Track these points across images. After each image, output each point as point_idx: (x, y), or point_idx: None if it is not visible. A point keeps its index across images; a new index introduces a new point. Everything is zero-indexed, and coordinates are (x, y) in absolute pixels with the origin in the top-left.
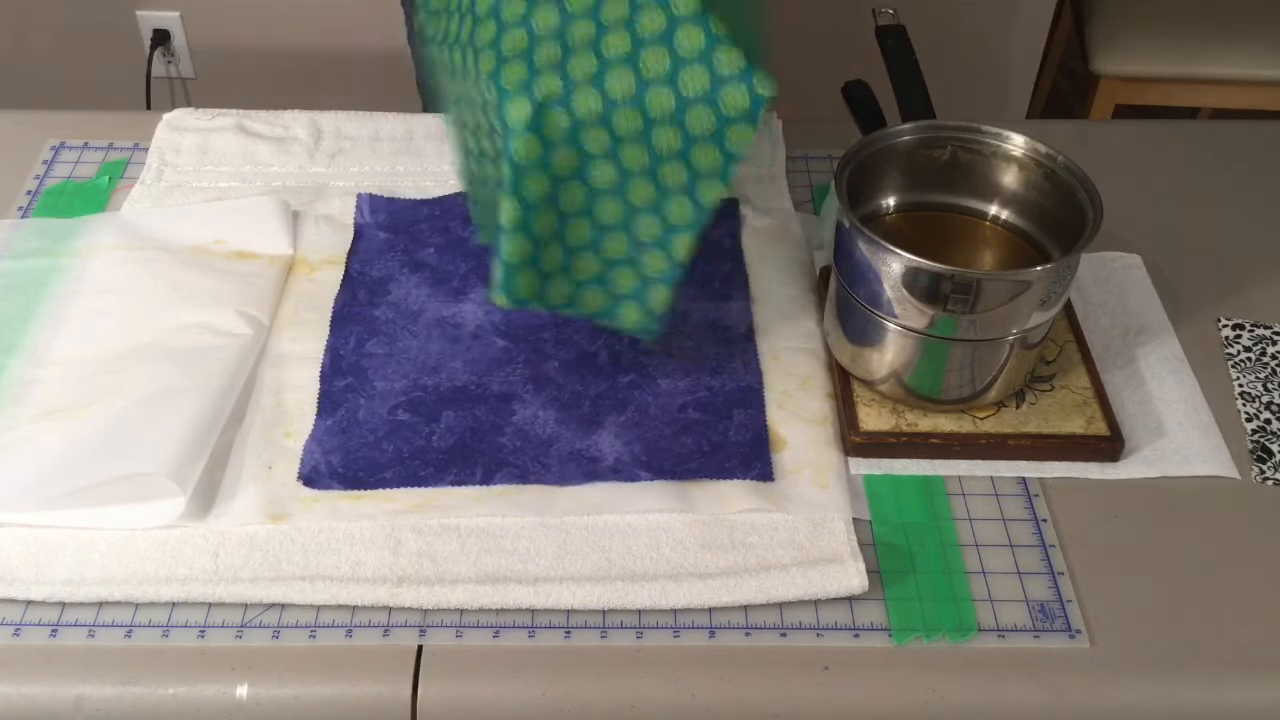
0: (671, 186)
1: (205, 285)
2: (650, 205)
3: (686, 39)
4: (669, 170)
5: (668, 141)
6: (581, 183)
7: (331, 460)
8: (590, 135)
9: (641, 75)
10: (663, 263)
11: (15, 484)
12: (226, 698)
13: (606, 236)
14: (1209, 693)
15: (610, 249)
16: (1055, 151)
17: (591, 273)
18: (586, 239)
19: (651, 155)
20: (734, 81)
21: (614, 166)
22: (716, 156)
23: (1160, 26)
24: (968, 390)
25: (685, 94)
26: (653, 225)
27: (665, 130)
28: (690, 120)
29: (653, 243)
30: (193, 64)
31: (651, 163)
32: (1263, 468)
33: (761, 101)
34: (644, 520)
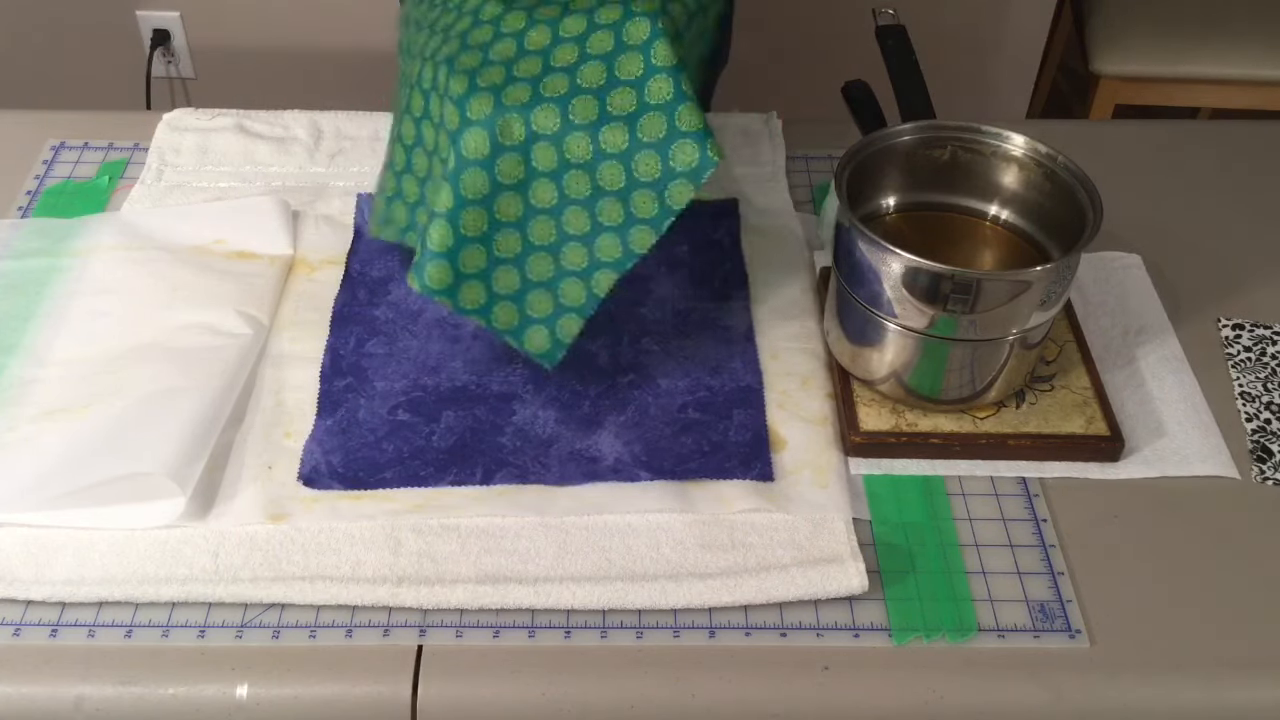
0: (606, 223)
1: (205, 285)
2: (582, 236)
3: (657, 88)
4: (607, 206)
5: (612, 178)
6: (520, 196)
7: (331, 460)
8: (540, 151)
9: (605, 109)
10: (581, 295)
11: (15, 484)
12: (226, 698)
13: (532, 256)
14: (1209, 693)
15: (534, 269)
16: (1055, 151)
17: (510, 288)
18: (513, 253)
19: (594, 187)
20: (689, 139)
21: (555, 189)
22: (654, 206)
23: (1160, 26)
24: (968, 390)
25: (640, 137)
26: (580, 256)
27: (612, 166)
28: (638, 163)
29: (576, 273)
30: (193, 64)
31: (592, 194)
32: (1263, 468)
33: (710, 165)
34: (644, 520)
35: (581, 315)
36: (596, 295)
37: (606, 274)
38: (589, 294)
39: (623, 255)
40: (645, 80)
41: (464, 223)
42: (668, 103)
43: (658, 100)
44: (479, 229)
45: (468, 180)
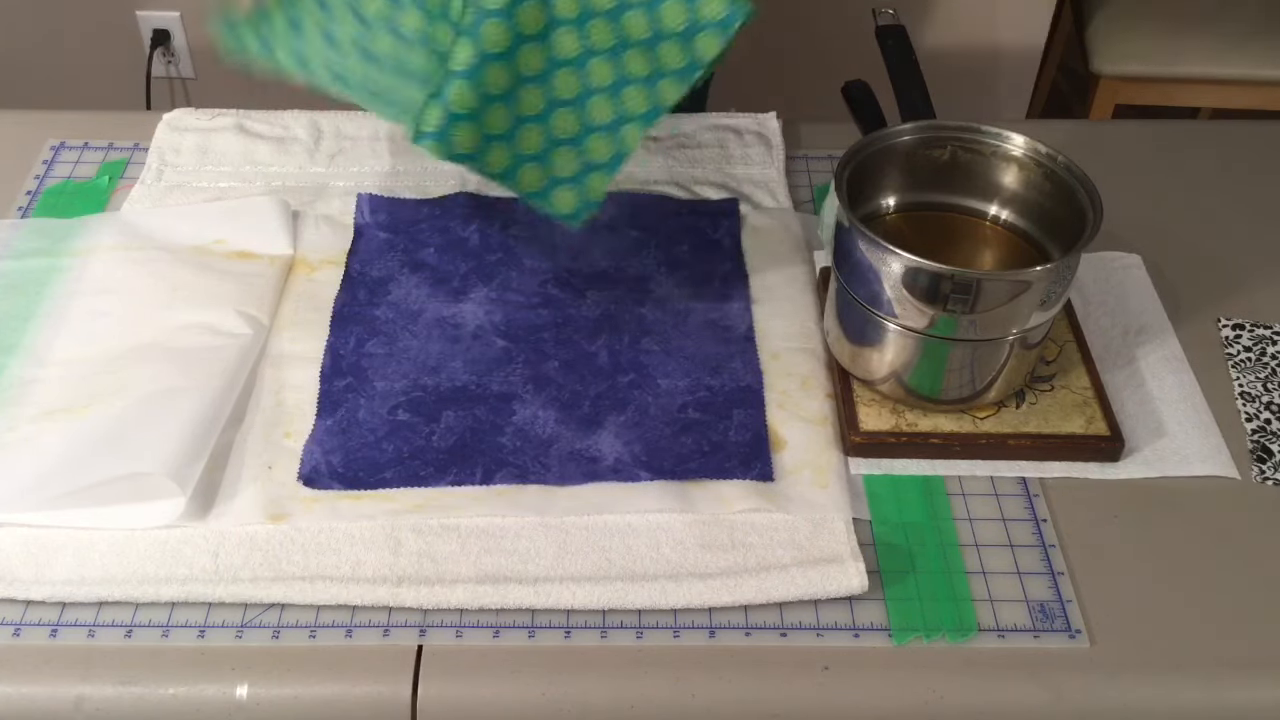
0: (632, 74)
1: (205, 285)
2: (607, 88)
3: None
4: (633, 57)
5: (637, 27)
6: (543, 47)
7: (331, 460)
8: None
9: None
10: (608, 149)
11: (15, 484)
12: (226, 698)
13: (557, 112)
14: (1209, 693)
15: (558, 126)
16: (1055, 151)
17: (534, 148)
18: (537, 108)
19: (619, 37)
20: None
21: (579, 38)
22: (681, 57)
23: (1160, 26)
24: (968, 390)
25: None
26: (606, 109)
27: (637, 15)
28: (664, 12)
29: (603, 127)
30: (193, 64)
31: (617, 45)
32: (1263, 468)
33: (737, 15)
34: (644, 520)
35: (609, 172)
36: (625, 151)
37: (634, 127)
38: (617, 149)
39: (650, 108)
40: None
41: (487, 79)
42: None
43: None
44: (501, 86)
45: (488, 32)
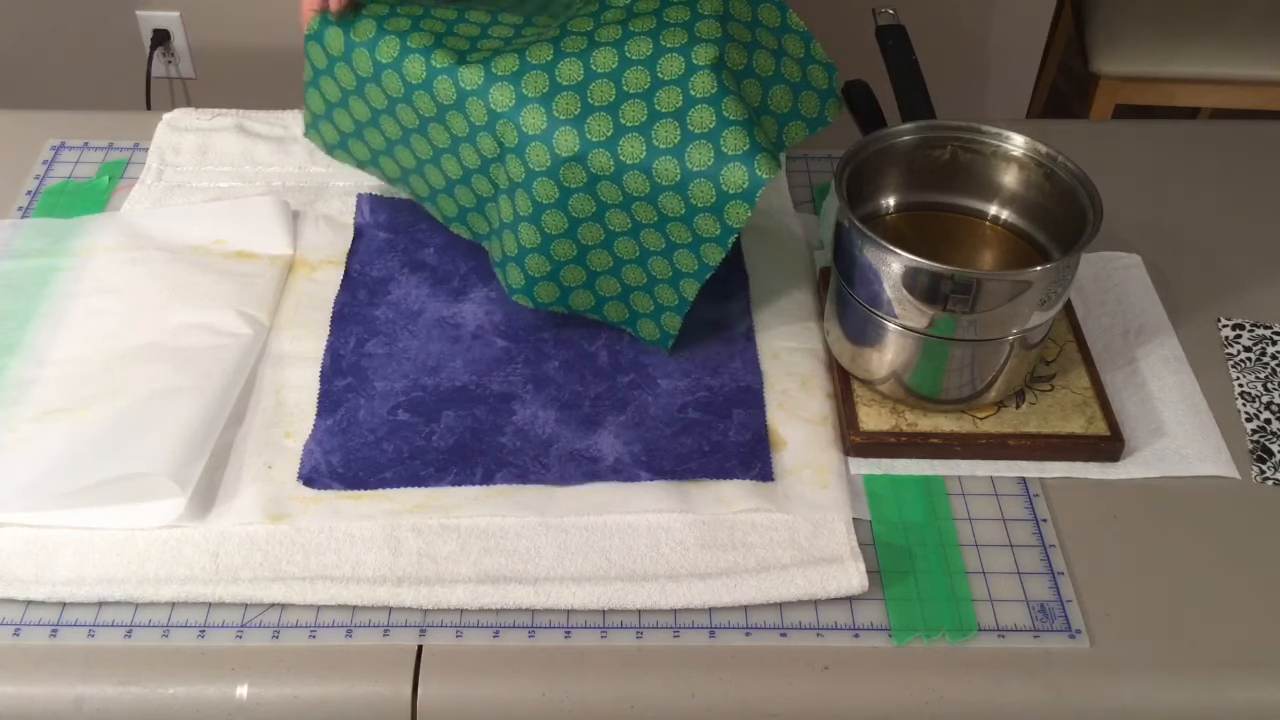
0: (678, 241)
1: (205, 285)
2: (661, 251)
3: (699, 118)
4: (675, 229)
5: (672, 206)
6: (598, 225)
7: (331, 460)
8: (604, 189)
9: (652, 144)
10: (674, 298)
11: (15, 484)
12: (226, 698)
13: (625, 267)
14: (1209, 693)
15: (629, 278)
16: (1055, 151)
17: (614, 292)
18: (607, 267)
19: (659, 214)
20: (736, 162)
21: (627, 216)
22: (716, 227)
23: (1160, 27)
24: (968, 390)
25: (690, 167)
26: (664, 267)
27: (670, 197)
28: (692, 191)
29: (665, 280)
30: (193, 64)
31: (659, 220)
32: (1263, 468)
33: (760, 183)
34: (644, 520)
35: (679, 313)
36: (687, 299)
37: (690, 282)
38: (680, 298)
39: (700, 268)
40: (686, 111)
41: (555, 252)
42: (711, 130)
43: (701, 129)
44: (570, 255)
45: (547, 220)
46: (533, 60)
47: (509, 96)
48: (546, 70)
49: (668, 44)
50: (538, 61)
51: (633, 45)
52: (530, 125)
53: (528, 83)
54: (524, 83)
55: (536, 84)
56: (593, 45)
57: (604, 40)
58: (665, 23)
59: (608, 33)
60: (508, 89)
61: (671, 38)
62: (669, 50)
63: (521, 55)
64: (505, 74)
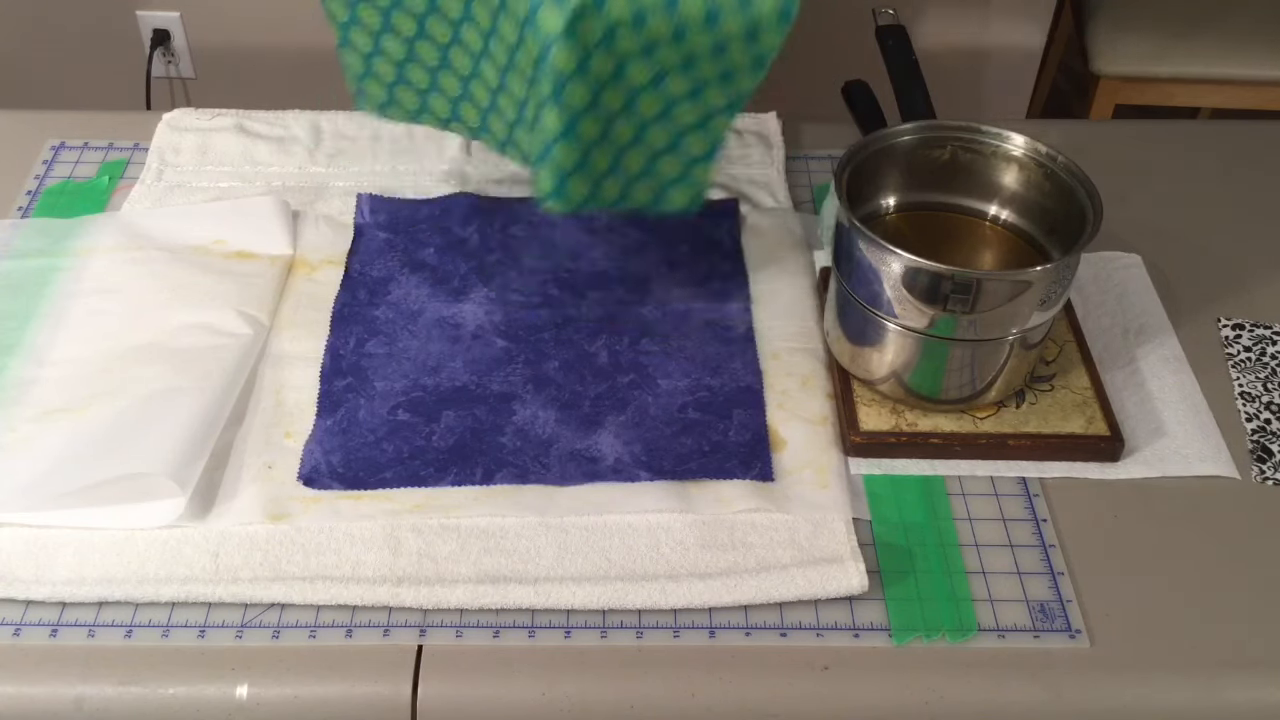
0: (707, 78)
1: (205, 285)
2: (687, 94)
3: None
4: (704, 65)
5: (701, 42)
6: (619, 85)
7: (331, 460)
8: (625, 37)
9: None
10: (704, 143)
11: (15, 484)
12: (226, 698)
13: (650, 130)
14: (1209, 693)
15: (654, 141)
16: (1055, 151)
17: (639, 167)
18: (631, 136)
19: (686, 54)
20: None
21: (649, 65)
22: (748, 54)
23: (1160, 26)
24: (968, 390)
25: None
26: (691, 111)
27: (698, 34)
28: (723, 23)
29: (693, 126)
30: (193, 64)
31: (686, 60)
32: (1263, 468)
33: (793, 4)
34: (644, 520)
35: (709, 161)
36: (718, 140)
37: (721, 119)
38: (711, 141)
39: (731, 100)
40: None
41: (581, 132)
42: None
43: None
44: (595, 133)
45: (570, 93)
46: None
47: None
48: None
49: None
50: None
51: None
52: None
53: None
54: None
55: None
56: None
57: None
58: None
59: None
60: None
61: None
62: None
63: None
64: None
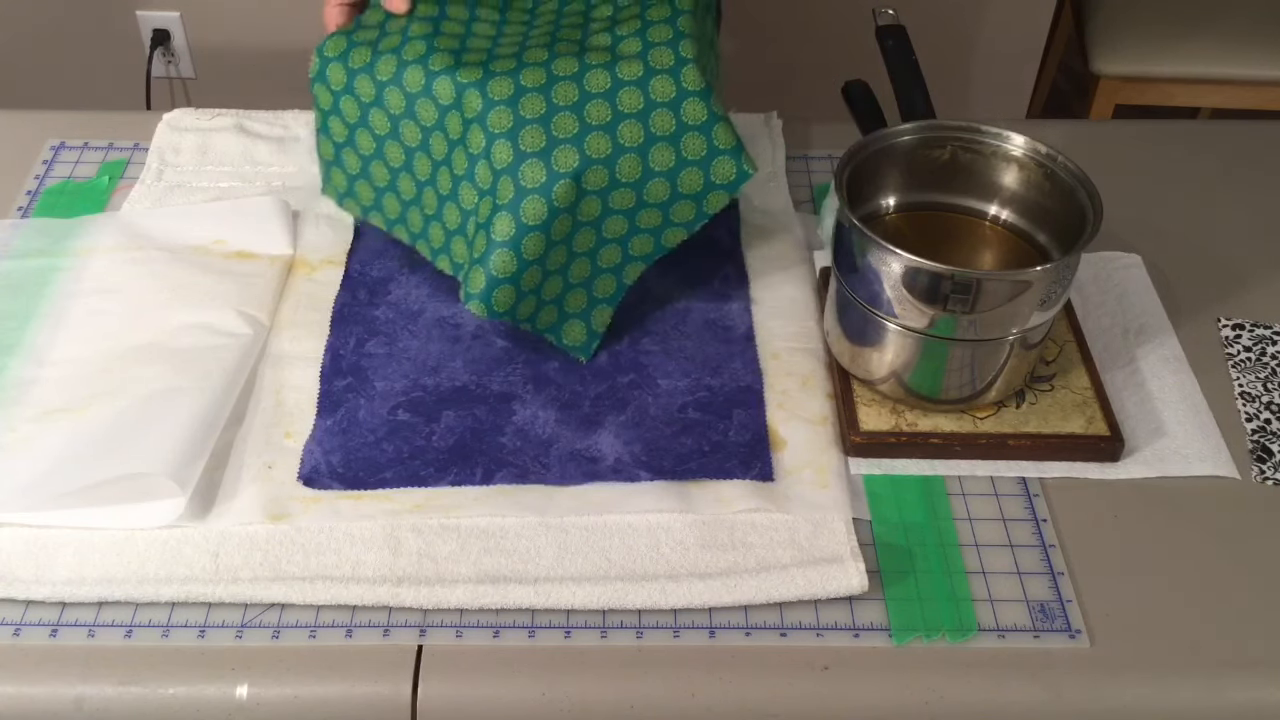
0: (644, 226)
1: (205, 285)
2: (619, 238)
3: (691, 110)
4: (647, 214)
5: (658, 192)
6: (571, 216)
7: (331, 460)
8: (593, 174)
9: (650, 130)
10: (612, 286)
11: (15, 484)
12: (226, 698)
13: (575, 262)
14: (1209, 693)
15: (574, 274)
16: (1055, 151)
17: (555, 294)
18: (560, 265)
19: (638, 200)
20: (726, 155)
21: (601, 203)
22: (692, 212)
23: (1161, 26)
24: (968, 390)
25: (685, 155)
26: (615, 254)
27: (659, 183)
28: (682, 179)
29: (610, 269)
30: (193, 64)
31: (635, 206)
32: (1263, 468)
33: (745, 176)
34: (644, 520)
35: (612, 305)
36: (625, 284)
37: (636, 266)
38: (619, 284)
39: (654, 250)
40: (680, 103)
41: (525, 248)
42: (704, 123)
43: (694, 121)
44: (537, 252)
45: (527, 208)
46: (527, 84)
47: (507, 119)
48: (542, 93)
49: (652, 37)
50: (532, 85)
51: (623, 45)
52: (529, 144)
53: (524, 105)
54: (521, 105)
55: (534, 106)
56: (586, 35)
57: (593, 45)
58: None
59: (598, 56)
60: (506, 112)
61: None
62: (657, 45)
63: (515, 77)
64: (502, 98)
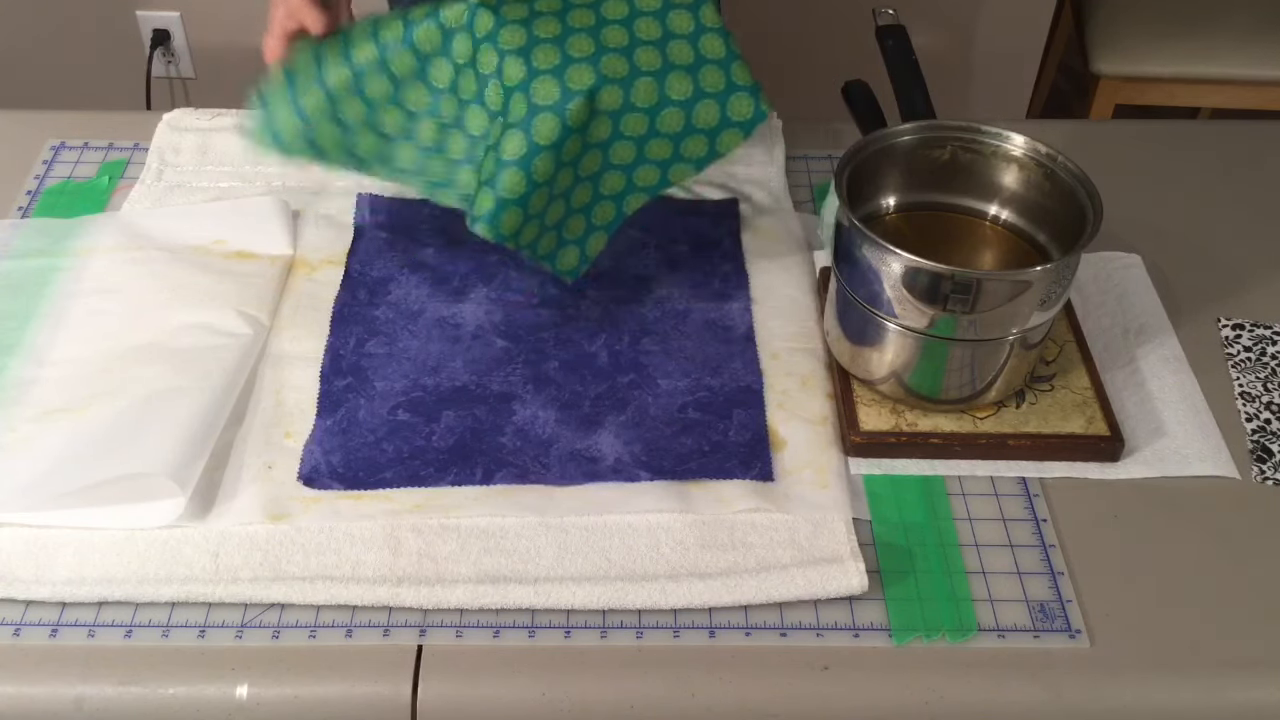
0: (652, 157)
1: (205, 285)
2: (625, 165)
3: (709, 45)
4: (658, 144)
5: (672, 122)
6: (580, 136)
7: (331, 460)
8: (607, 94)
9: (667, 58)
10: (611, 213)
11: (15, 484)
12: (226, 698)
13: (579, 186)
14: (1209, 693)
15: (576, 198)
16: (1055, 151)
17: (556, 219)
18: (564, 188)
19: (650, 128)
20: (745, 92)
21: (613, 126)
22: (704, 148)
23: (1160, 26)
24: (968, 390)
25: (703, 87)
26: (618, 181)
27: (673, 112)
28: (698, 111)
29: (611, 196)
30: (193, 64)
31: (647, 133)
32: (1263, 468)
33: (762, 116)
34: (644, 520)
35: (608, 232)
36: (625, 213)
37: (639, 196)
38: (618, 212)
39: (658, 183)
40: (698, 37)
41: (535, 168)
42: (722, 59)
43: (712, 56)
44: (546, 173)
45: (540, 126)
46: (541, 8)
47: (520, 37)
48: (558, 16)
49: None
50: (547, 9)
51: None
52: (542, 61)
53: (539, 26)
54: (535, 25)
55: (549, 27)
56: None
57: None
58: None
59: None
60: (519, 30)
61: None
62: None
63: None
64: (516, 19)
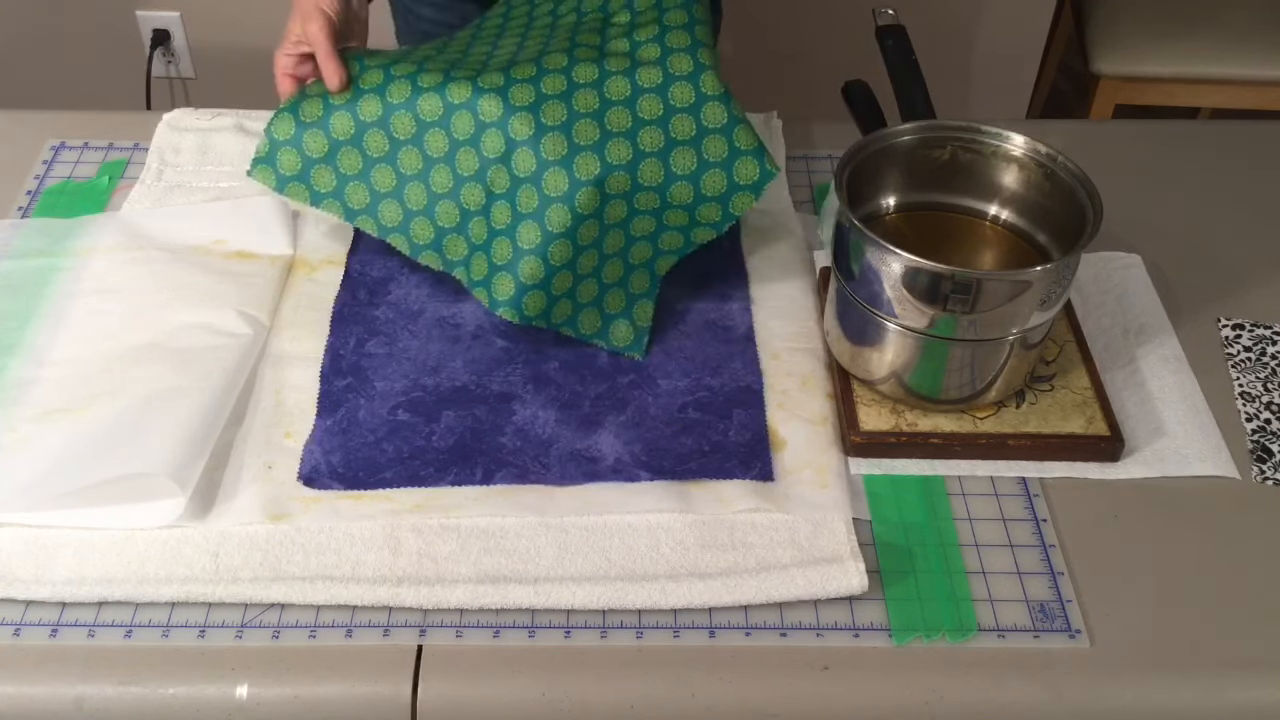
0: (671, 224)
1: (205, 285)
2: (649, 236)
3: (711, 113)
4: (672, 214)
5: (682, 195)
6: (598, 221)
7: (331, 460)
8: (615, 180)
9: (670, 135)
10: (646, 281)
11: (15, 484)
12: (226, 698)
13: (608, 264)
14: (1209, 693)
15: (608, 274)
16: (1055, 151)
17: (590, 297)
18: (591, 268)
19: (662, 202)
20: (749, 156)
21: (627, 206)
22: (718, 213)
23: (1160, 26)
24: (968, 390)
25: (706, 158)
26: (645, 250)
27: (681, 186)
28: (705, 181)
29: (641, 265)
30: (193, 64)
31: (660, 207)
32: (1263, 468)
33: (769, 176)
34: (644, 520)
35: (650, 299)
36: (658, 276)
37: (668, 259)
38: (652, 278)
39: (684, 245)
40: (700, 107)
41: (552, 254)
42: (724, 126)
43: (715, 125)
44: (565, 257)
45: (552, 216)
46: (548, 91)
47: (529, 126)
48: (563, 100)
49: (670, 43)
50: (552, 92)
51: (642, 50)
52: (551, 152)
53: (546, 112)
54: (542, 112)
55: (555, 113)
56: (604, 41)
57: (611, 50)
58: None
59: (617, 62)
60: (528, 118)
61: (678, 63)
62: (675, 51)
63: (536, 84)
64: (523, 105)
